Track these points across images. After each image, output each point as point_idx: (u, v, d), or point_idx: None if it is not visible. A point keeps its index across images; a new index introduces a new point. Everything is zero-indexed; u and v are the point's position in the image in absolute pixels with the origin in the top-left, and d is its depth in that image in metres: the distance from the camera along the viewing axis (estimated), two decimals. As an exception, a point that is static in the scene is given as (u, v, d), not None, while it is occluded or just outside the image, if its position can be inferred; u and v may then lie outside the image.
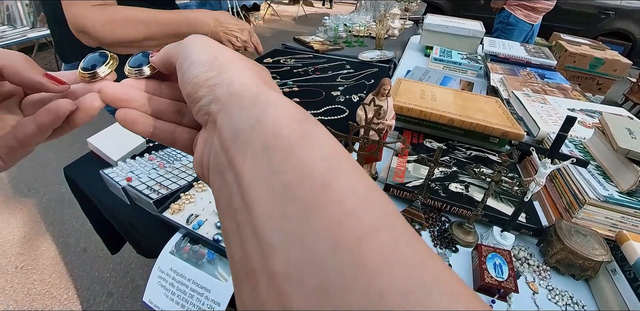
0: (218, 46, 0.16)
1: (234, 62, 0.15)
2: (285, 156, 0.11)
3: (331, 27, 1.47)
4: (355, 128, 0.44)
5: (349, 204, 0.10)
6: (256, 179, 0.11)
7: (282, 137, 0.12)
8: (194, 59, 0.15)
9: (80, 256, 1.32)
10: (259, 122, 0.12)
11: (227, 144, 0.13)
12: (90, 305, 1.13)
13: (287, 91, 0.90)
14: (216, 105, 0.14)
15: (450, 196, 0.48)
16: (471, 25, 1.31)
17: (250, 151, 0.12)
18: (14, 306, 1.13)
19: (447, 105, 0.66)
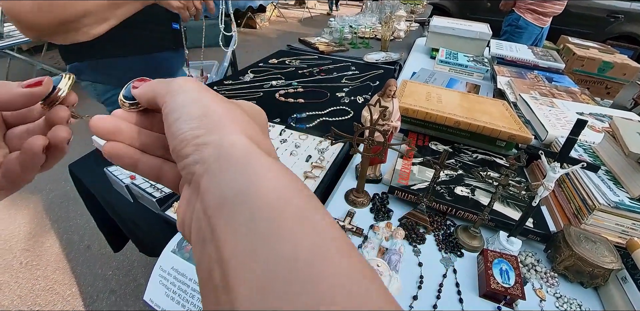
0: (209, 98, 0.15)
1: (225, 120, 0.14)
2: (270, 236, 0.10)
3: (336, 28, 1.47)
4: (360, 129, 0.43)
5: (337, 301, 0.09)
6: (238, 261, 0.10)
7: (267, 213, 0.11)
8: (182, 113, 0.15)
9: (83, 253, 1.33)
10: (245, 191, 0.12)
11: (210, 211, 0.12)
12: (94, 301, 1.14)
13: (291, 92, 0.90)
14: (202, 166, 0.13)
15: (455, 200, 0.48)
16: (478, 27, 1.30)
17: (235, 225, 0.11)
18: (18, 301, 1.14)
19: (453, 107, 0.66)
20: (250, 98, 0.85)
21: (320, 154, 0.60)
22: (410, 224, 0.46)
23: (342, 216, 0.47)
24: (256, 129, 0.15)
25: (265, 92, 0.90)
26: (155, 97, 0.16)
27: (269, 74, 1.02)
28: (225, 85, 0.94)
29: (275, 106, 0.82)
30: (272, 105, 0.83)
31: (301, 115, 0.77)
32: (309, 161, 0.58)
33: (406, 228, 0.46)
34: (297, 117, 0.76)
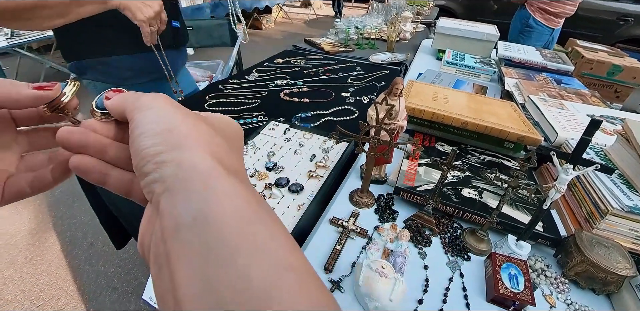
0: (178, 115, 0.15)
1: (188, 138, 0.14)
2: (223, 266, 0.10)
3: (342, 29, 1.47)
4: (366, 128, 0.43)
5: None
6: (190, 292, 0.10)
7: (222, 241, 0.11)
8: (145, 129, 0.14)
9: (87, 250, 1.34)
10: (200, 218, 0.11)
11: (166, 234, 0.12)
12: (96, 297, 1.15)
13: (296, 91, 0.89)
14: (161, 185, 0.13)
15: (463, 202, 0.47)
16: (485, 29, 1.29)
17: (188, 252, 0.11)
18: (21, 296, 1.15)
19: (461, 108, 0.65)
20: (255, 97, 0.85)
21: (325, 154, 0.59)
22: (415, 226, 0.45)
23: (346, 217, 0.47)
24: (223, 146, 0.15)
25: (270, 91, 0.89)
26: (124, 110, 0.16)
27: (274, 73, 1.02)
28: (230, 84, 0.94)
29: (279, 105, 0.82)
30: (276, 104, 0.82)
31: (306, 114, 0.76)
32: (313, 161, 0.57)
33: (412, 230, 0.45)
34: (302, 116, 0.75)
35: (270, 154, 0.58)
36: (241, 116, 0.77)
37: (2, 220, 1.45)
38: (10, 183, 0.17)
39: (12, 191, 0.17)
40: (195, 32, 1.62)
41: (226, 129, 0.17)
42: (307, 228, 0.46)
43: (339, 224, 0.45)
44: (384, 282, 0.35)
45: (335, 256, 0.41)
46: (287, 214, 0.46)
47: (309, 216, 0.46)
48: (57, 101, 0.17)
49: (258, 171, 0.54)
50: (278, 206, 0.48)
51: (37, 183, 0.18)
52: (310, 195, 0.49)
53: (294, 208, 0.47)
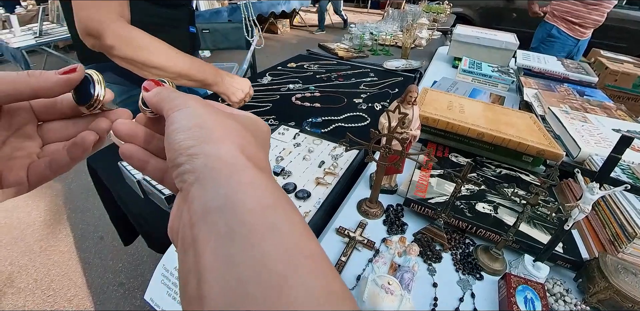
0: (208, 112, 0.16)
1: (218, 132, 0.15)
2: (245, 248, 0.11)
3: (357, 35, 1.47)
4: (377, 136, 0.41)
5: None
6: (214, 270, 0.11)
7: (246, 225, 0.11)
8: (179, 125, 0.15)
9: (97, 243, 1.37)
10: (227, 204, 0.12)
11: (194, 219, 0.12)
12: (104, 292, 1.17)
13: (308, 96, 0.89)
14: (192, 175, 0.14)
15: (476, 217, 0.44)
16: (504, 37, 1.26)
17: (214, 235, 0.12)
18: (33, 285, 1.19)
19: (477, 118, 0.62)
20: (267, 100, 0.85)
21: (334, 161, 0.58)
22: (425, 241, 0.43)
23: (353, 227, 0.45)
24: (250, 141, 0.16)
25: (282, 95, 0.89)
26: (161, 105, 0.17)
27: (287, 77, 1.02)
28: (243, 87, 0.94)
29: (291, 109, 0.82)
30: (287, 108, 0.82)
31: (316, 119, 0.75)
32: (321, 167, 0.56)
33: (421, 244, 0.43)
34: (313, 121, 0.75)
35: (279, 159, 0.57)
36: (252, 119, 0.77)
37: (20, 210, 1.51)
38: (32, 168, 0.19)
39: (35, 175, 0.19)
40: (212, 34, 1.66)
41: (253, 126, 0.18)
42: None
43: (345, 234, 0.44)
44: (389, 299, 0.33)
45: (340, 268, 0.40)
46: (293, 221, 0.45)
47: (315, 224, 0.45)
48: (94, 100, 0.19)
49: (265, 175, 0.53)
50: (284, 212, 0.47)
51: (55, 165, 0.20)
52: (317, 203, 0.48)
53: (299, 216, 0.46)
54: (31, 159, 0.20)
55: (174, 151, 0.15)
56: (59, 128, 0.21)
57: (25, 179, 0.19)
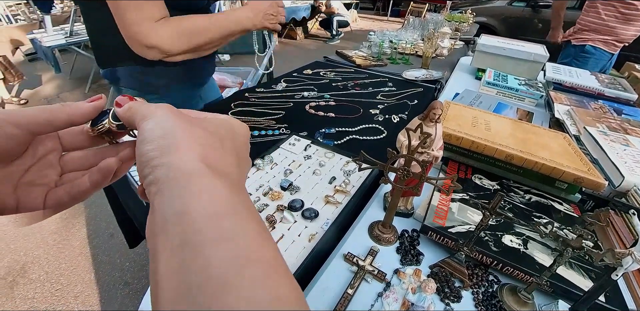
0: (175, 122, 0.16)
1: (180, 141, 0.15)
2: (195, 256, 0.11)
3: (376, 43, 1.44)
4: (395, 157, 0.37)
5: None
6: (166, 277, 0.12)
7: (197, 234, 0.12)
8: (145, 136, 0.16)
9: (107, 241, 1.38)
10: (182, 212, 0.13)
11: (156, 230, 0.13)
12: (109, 290, 1.17)
13: (322, 105, 0.86)
14: (155, 187, 0.14)
15: (503, 252, 0.39)
16: (532, 48, 1.19)
17: (169, 244, 0.12)
18: (44, 277, 1.21)
19: (504, 137, 0.57)
20: (280, 108, 0.83)
21: (346, 177, 0.54)
22: (443, 275, 0.39)
23: (362, 254, 0.41)
24: (216, 147, 0.16)
25: (295, 102, 0.87)
26: (133, 122, 0.18)
27: (301, 84, 1.00)
28: (256, 92, 0.93)
29: (304, 118, 0.79)
30: (300, 117, 0.79)
31: (330, 130, 0.72)
32: (332, 183, 0.53)
33: (438, 280, 0.38)
34: (326, 132, 0.71)
35: (287, 172, 0.54)
36: (264, 126, 0.74)
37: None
38: (50, 195, 0.20)
39: (52, 201, 0.20)
40: (231, 39, 1.67)
41: (225, 130, 0.19)
42: (317, 263, 0.41)
43: (354, 262, 0.40)
44: (401, 349, 0.29)
45: (346, 302, 0.36)
46: (297, 244, 0.41)
47: (321, 248, 0.41)
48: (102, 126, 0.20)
49: (272, 189, 0.50)
50: (288, 233, 0.43)
51: (74, 192, 0.20)
52: (325, 224, 0.44)
53: (305, 238, 0.42)
54: (49, 187, 0.20)
55: (141, 162, 0.15)
56: (80, 158, 0.22)
57: (42, 206, 0.20)
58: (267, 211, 0.47)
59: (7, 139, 0.17)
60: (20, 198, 0.19)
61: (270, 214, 0.45)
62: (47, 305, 1.12)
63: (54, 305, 1.12)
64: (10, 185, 0.18)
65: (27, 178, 0.19)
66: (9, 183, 0.18)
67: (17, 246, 1.35)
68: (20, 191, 0.19)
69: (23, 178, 0.19)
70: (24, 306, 1.11)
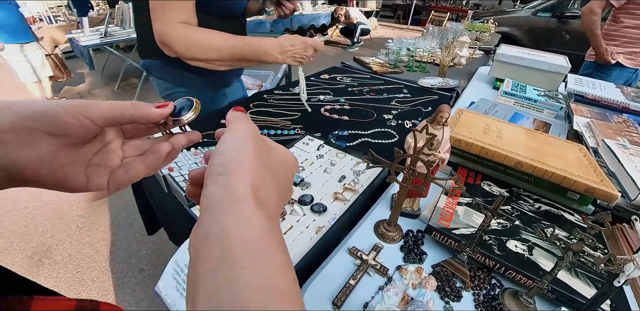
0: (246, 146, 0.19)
1: (243, 167, 0.17)
2: (228, 274, 0.14)
3: (393, 50, 1.46)
4: (401, 156, 0.39)
5: None
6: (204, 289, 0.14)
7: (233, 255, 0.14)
8: (221, 148, 0.19)
9: (126, 229, 1.46)
10: (223, 232, 0.15)
11: (199, 241, 0.15)
12: (124, 276, 1.23)
13: (337, 108, 0.89)
14: (206, 201, 0.16)
15: (507, 256, 0.40)
16: (554, 59, 1.18)
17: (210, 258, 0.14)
18: (67, 259, 1.30)
19: (517, 146, 0.57)
20: (296, 109, 0.86)
21: (355, 176, 0.56)
22: (445, 275, 0.40)
23: (367, 249, 0.43)
24: (266, 180, 0.19)
25: (311, 105, 0.90)
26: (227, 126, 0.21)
27: (318, 88, 1.03)
28: (274, 94, 0.97)
29: (318, 120, 0.82)
30: (315, 119, 0.82)
31: (343, 133, 0.74)
32: (342, 182, 0.55)
33: (440, 278, 0.39)
34: (339, 134, 0.74)
35: (300, 169, 0.57)
36: (280, 126, 0.78)
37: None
38: (113, 175, 0.23)
39: (114, 181, 0.23)
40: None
41: (280, 161, 0.21)
42: (322, 254, 0.43)
43: (357, 256, 0.41)
44: (397, 338, 0.30)
45: (348, 291, 0.37)
46: (304, 235, 0.44)
47: (327, 241, 0.43)
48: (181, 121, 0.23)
49: (284, 185, 0.53)
50: (297, 224, 0.45)
51: (132, 172, 0.23)
52: (332, 219, 0.46)
53: (312, 230, 0.45)
54: (112, 168, 0.23)
55: (208, 171, 0.18)
56: (138, 145, 0.25)
57: (106, 185, 0.23)
58: (278, 222, 0.49)
59: (82, 129, 0.20)
60: (90, 177, 0.22)
61: (281, 207, 0.48)
62: (68, 285, 1.18)
63: (74, 285, 1.19)
64: (82, 166, 0.22)
65: (95, 161, 0.22)
66: (81, 164, 0.21)
67: (44, 229, 1.44)
68: (90, 171, 0.22)
69: (92, 160, 0.22)
70: (48, 284, 1.18)
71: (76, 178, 0.21)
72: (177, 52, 0.62)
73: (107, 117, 0.21)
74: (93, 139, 0.22)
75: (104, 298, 1.15)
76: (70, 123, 0.19)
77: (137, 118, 0.22)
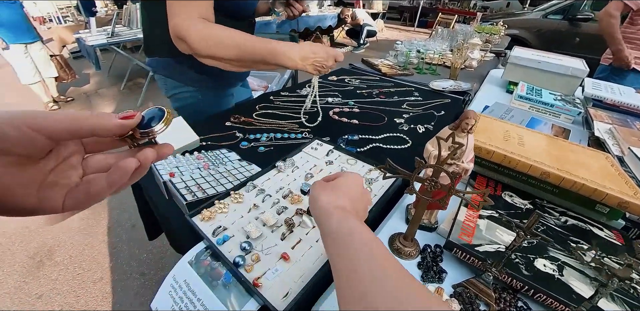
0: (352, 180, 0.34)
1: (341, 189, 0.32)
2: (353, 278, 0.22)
3: (402, 51, 1.43)
4: (422, 167, 0.36)
5: None
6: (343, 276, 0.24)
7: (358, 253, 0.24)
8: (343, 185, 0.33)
9: (128, 231, 1.44)
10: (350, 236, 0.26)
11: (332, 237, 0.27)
12: (125, 279, 1.21)
13: (346, 111, 0.86)
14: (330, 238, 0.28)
15: (535, 277, 0.36)
16: (570, 62, 1.14)
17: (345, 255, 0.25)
18: (68, 260, 1.28)
19: (539, 153, 0.54)
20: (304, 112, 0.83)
21: (368, 185, 0.53)
22: (468, 297, 0.36)
23: (380, 266, 0.39)
24: (360, 204, 0.33)
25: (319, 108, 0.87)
26: None
27: (326, 90, 1.00)
28: (281, 96, 0.94)
29: (327, 123, 0.79)
30: (324, 122, 0.79)
31: (353, 137, 0.71)
32: (352, 190, 0.52)
33: (462, 301, 0.36)
34: (348, 139, 0.71)
35: (308, 176, 0.54)
36: (287, 129, 0.75)
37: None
38: (69, 194, 0.20)
39: (71, 201, 0.20)
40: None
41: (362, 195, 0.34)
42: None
43: (371, 273, 0.38)
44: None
45: (361, 315, 0.34)
46: (314, 250, 0.41)
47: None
48: (150, 134, 0.21)
49: (292, 193, 0.50)
50: (306, 237, 0.42)
51: (92, 192, 0.20)
52: (343, 232, 0.43)
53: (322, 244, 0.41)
54: (69, 187, 0.20)
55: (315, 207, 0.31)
56: (101, 160, 0.22)
57: (61, 207, 0.20)
58: (286, 213, 0.46)
59: (30, 144, 0.17)
60: (42, 199, 0.19)
61: (289, 217, 0.45)
62: (68, 288, 1.16)
63: (74, 288, 1.17)
64: (33, 187, 0.18)
65: (51, 179, 0.19)
66: (33, 183, 0.18)
67: (46, 230, 1.43)
68: (43, 192, 0.19)
69: (47, 178, 0.19)
70: (48, 286, 1.17)
71: (25, 201, 0.18)
72: (193, 47, 0.59)
73: (61, 130, 0.18)
74: (47, 155, 0.19)
75: (104, 301, 1.13)
76: (14, 137, 0.16)
77: (99, 131, 0.19)
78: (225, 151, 0.67)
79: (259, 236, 0.42)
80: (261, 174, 0.55)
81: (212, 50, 0.59)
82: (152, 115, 0.21)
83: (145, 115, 0.21)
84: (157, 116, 0.21)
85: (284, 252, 0.39)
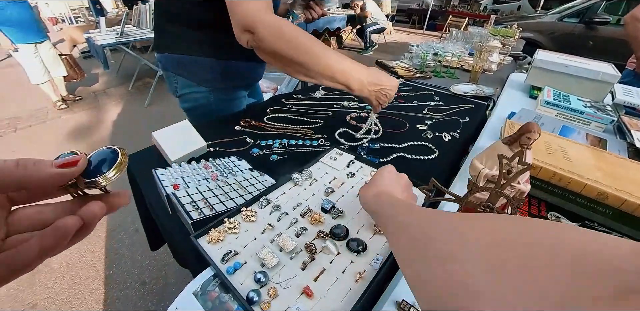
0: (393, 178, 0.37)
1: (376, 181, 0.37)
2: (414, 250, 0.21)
3: (418, 54, 1.37)
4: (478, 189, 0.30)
5: None
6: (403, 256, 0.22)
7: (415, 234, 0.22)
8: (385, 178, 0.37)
9: (130, 236, 1.39)
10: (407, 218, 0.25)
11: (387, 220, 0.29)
12: (125, 288, 1.16)
13: (364, 116, 0.80)
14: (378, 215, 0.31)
15: None
16: (600, 66, 1.07)
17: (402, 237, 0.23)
18: (65, 268, 1.23)
19: (589, 169, 0.48)
20: (319, 117, 0.78)
21: (395, 202, 0.47)
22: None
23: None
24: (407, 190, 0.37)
25: (335, 112, 0.82)
26: None
27: (341, 93, 0.95)
28: (294, 99, 0.89)
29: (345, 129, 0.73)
30: (341, 128, 0.74)
31: (374, 145, 0.66)
32: (378, 208, 0.46)
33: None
34: (369, 147, 0.65)
35: (329, 190, 0.48)
36: (301, 135, 0.69)
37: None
38: None
39: None
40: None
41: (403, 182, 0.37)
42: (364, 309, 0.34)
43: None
44: None
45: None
46: (342, 283, 0.35)
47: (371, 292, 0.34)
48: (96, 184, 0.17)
49: (311, 210, 0.44)
50: (330, 267, 0.36)
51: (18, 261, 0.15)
52: (374, 260, 0.37)
53: (350, 276, 0.35)
54: None
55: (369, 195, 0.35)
56: (33, 214, 0.17)
57: None
58: (306, 236, 0.41)
59: None
60: None
61: (309, 241, 0.39)
62: (64, 297, 1.12)
63: (69, 297, 1.12)
64: None
65: None
66: None
67: (44, 234, 1.39)
68: None
69: None
70: (43, 294, 1.12)
71: None
72: (260, 40, 0.53)
73: None
74: None
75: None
76: None
77: (28, 183, 0.15)
78: (235, 158, 0.62)
79: (276, 265, 0.36)
80: (275, 187, 0.49)
81: (281, 46, 0.53)
82: (102, 157, 0.18)
83: (94, 158, 0.18)
84: (109, 158, 0.17)
85: (305, 286, 0.33)
